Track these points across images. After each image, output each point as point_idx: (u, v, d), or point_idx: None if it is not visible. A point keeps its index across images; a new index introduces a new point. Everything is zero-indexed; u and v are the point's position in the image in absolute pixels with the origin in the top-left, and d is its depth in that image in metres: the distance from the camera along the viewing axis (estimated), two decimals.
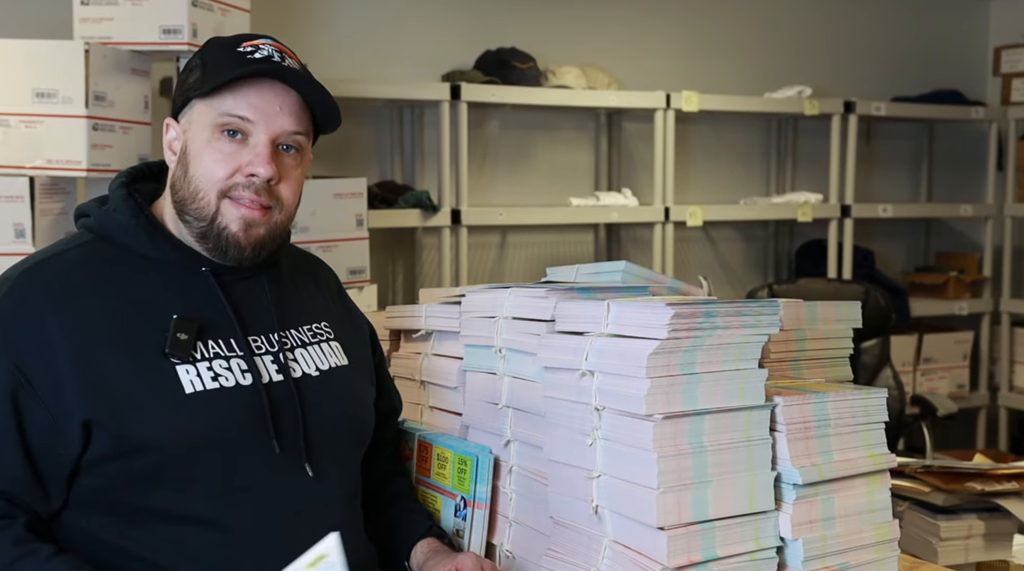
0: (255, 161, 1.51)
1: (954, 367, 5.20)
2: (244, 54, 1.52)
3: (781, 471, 1.43)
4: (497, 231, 4.43)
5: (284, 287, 1.64)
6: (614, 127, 4.67)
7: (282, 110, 1.53)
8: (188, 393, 1.44)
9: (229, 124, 1.51)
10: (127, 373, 1.42)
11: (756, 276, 5.08)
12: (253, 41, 1.55)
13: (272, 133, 1.52)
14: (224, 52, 1.54)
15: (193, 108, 1.54)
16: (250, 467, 1.47)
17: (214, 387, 1.46)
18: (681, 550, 1.36)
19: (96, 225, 1.55)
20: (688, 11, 4.83)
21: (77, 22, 2.75)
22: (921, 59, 5.44)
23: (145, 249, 1.52)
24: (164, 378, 1.44)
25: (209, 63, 1.54)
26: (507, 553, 1.69)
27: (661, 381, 1.36)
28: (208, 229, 1.52)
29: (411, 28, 4.22)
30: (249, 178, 1.51)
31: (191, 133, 1.53)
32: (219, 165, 1.50)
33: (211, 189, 1.51)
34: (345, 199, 3.17)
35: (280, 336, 1.57)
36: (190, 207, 1.52)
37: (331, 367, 1.63)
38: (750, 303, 1.44)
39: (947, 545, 2.02)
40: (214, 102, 1.51)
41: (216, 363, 1.48)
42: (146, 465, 1.42)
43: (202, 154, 1.51)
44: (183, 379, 1.45)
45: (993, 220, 5.29)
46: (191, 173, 1.52)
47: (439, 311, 1.91)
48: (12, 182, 2.52)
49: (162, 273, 1.52)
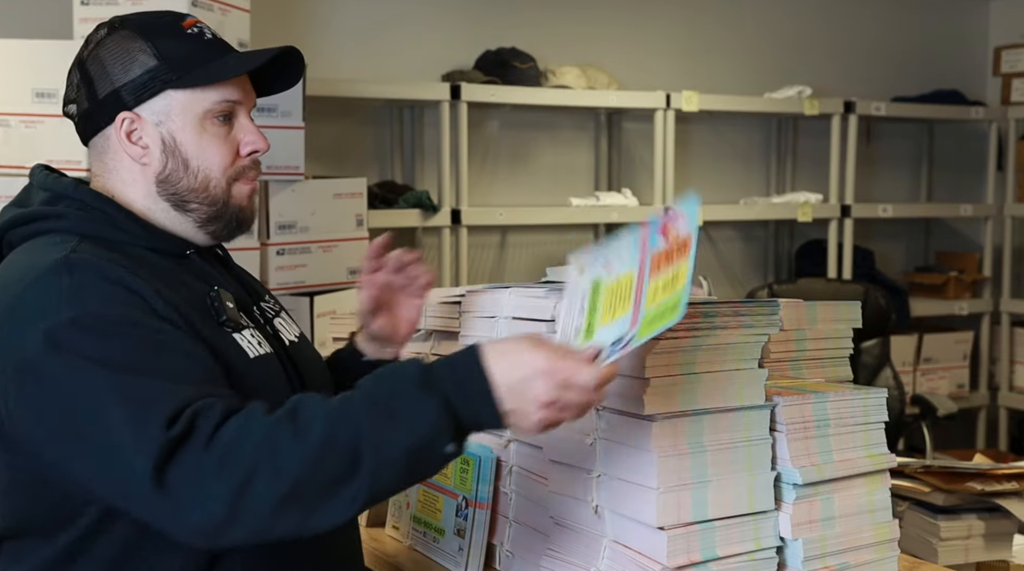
0: (253, 139, 1.52)
1: (954, 367, 5.20)
2: (199, 37, 1.50)
3: (781, 471, 1.44)
4: (497, 231, 4.44)
5: (235, 266, 1.67)
6: (614, 127, 4.67)
7: (247, 83, 1.55)
8: (251, 358, 1.44)
9: (225, 110, 1.50)
10: (209, 339, 1.39)
11: (756, 276, 5.08)
12: (186, 21, 1.52)
13: (249, 107, 1.55)
14: (179, 38, 1.49)
15: (167, 99, 1.47)
16: None
17: (261, 352, 1.47)
18: (681, 550, 1.36)
19: (75, 226, 1.45)
20: (688, 11, 4.83)
21: (77, 22, 2.75)
22: (921, 59, 5.44)
23: (143, 240, 1.48)
24: (232, 346, 1.43)
25: (168, 52, 1.47)
26: (507, 553, 1.69)
27: (661, 381, 1.37)
28: (221, 211, 1.52)
29: (411, 28, 4.22)
30: (251, 156, 1.53)
31: (174, 125, 1.48)
32: (222, 152, 1.50)
33: (222, 176, 1.51)
34: (345, 199, 3.17)
35: (260, 309, 1.61)
36: (199, 197, 1.50)
37: (298, 334, 1.67)
38: (750, 303, 1.44)
39: (947, 545, 2.02)
40: (200, 91, 1.48)
41: (247, 332, 1.48)
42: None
43: (200, 144, 1.48)
44: (243, 345, 1.45)
45: (993, 220, 5.29)
46: (195, 165, 1.49)
47: (439, 311, 1.91)
48: (12, 182, 2.52)
49: (161, 259, 1.48)
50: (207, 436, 1.21)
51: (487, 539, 1.73)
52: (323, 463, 1.20)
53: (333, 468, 1.20)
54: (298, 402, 1.25)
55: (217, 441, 1.21)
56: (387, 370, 1.29)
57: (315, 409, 1.24)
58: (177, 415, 1.22)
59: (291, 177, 3.00)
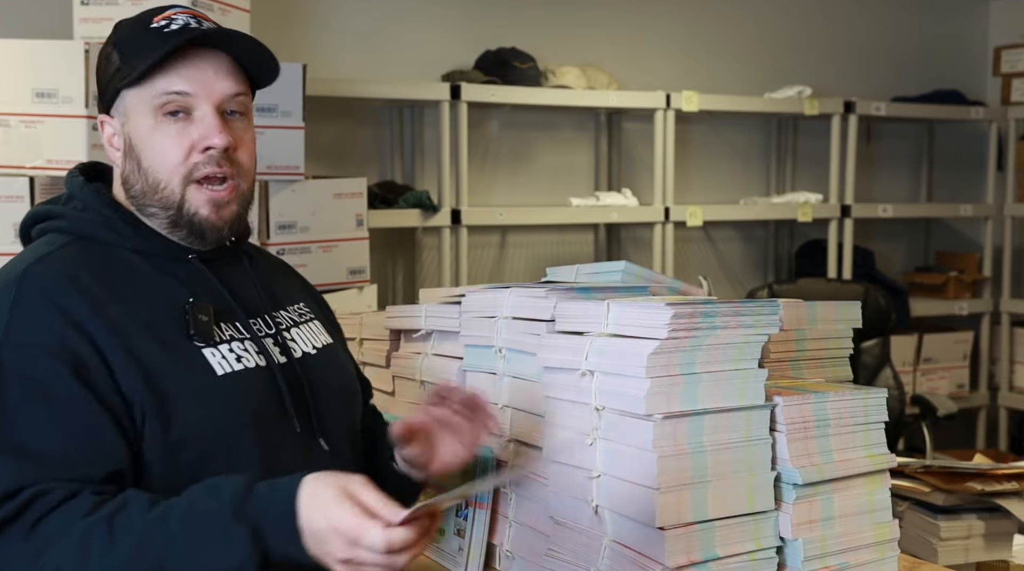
0: (208, 133, 1.45)
1: (954, 367, 5.20)
2: (160, 30, 1.45)
3: (781, 471, 1.43)
4: (497, 231, 4.43)
5: (262, 271, 1.64)
6: (614, 127, 4.67)
7: (217, 74, 1.47)
8: (219, 375, 1.43)
9: (169, 103, 1.44)
10: (156, 357, 1.39)
11: (756, 276, 5.08)
12: (164, 14, 1.48)
13: (215, 100, 1.46)
14: (137, 33, 1.47)
15: (124, 99, 1.47)
16: (280, 446, 1.47)
17: (240, 368, 1.45)
18: (681, 550, 1.36)
19: (73, 226, 1.48)
20: (688, 11, 4.83)
21: (77, 22, 2.75)
22: (921, 59, 5.44)
23: (132, 242, 1.48)
24: (195, 362, 1.42)
25: (126, 48, 1.47)
26: (507, 553, 1.69)
27: (661, 381, 1.36)
28: (177, 217, 1.47)
29: (411, 28, 4.22)
30: (206, 153, 1.46)
31: (130, 125, 1.47)
32: (172, 150, 1.45)
33: (173, 176, 1.46)
34: (345, 199, 3.17)
35: (274, 317, 1.58)
36: (153, 199, 1.47)
37: (323, 345, 1.65)
38: (750, 303, 1.44)
39: (947, 545, 2.02)
40: (145, 87, 1.45)
41: (234, 345, 1.47)
42: (193, 455, 1.39)
43: (150, 142, 1.45)
44: (211, 361, 1.43)
45: (993, 220, 5.29)
46: (145, 165, 1.46)
47: (439, 311, 1.91)
48: (12, 182, 2.52)
49: (154, 264, 1.48)
50: (31, 525, 1.27)
51: (487, 539, 1.73)
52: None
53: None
54: (122, 504, 1.29)
55: (38, 533, 1.27)
56: (213, 485, 1.30)
57: (133, 517, 1.27)
58: (13, 493, 1.28)
59: (291, 177, 3.00)
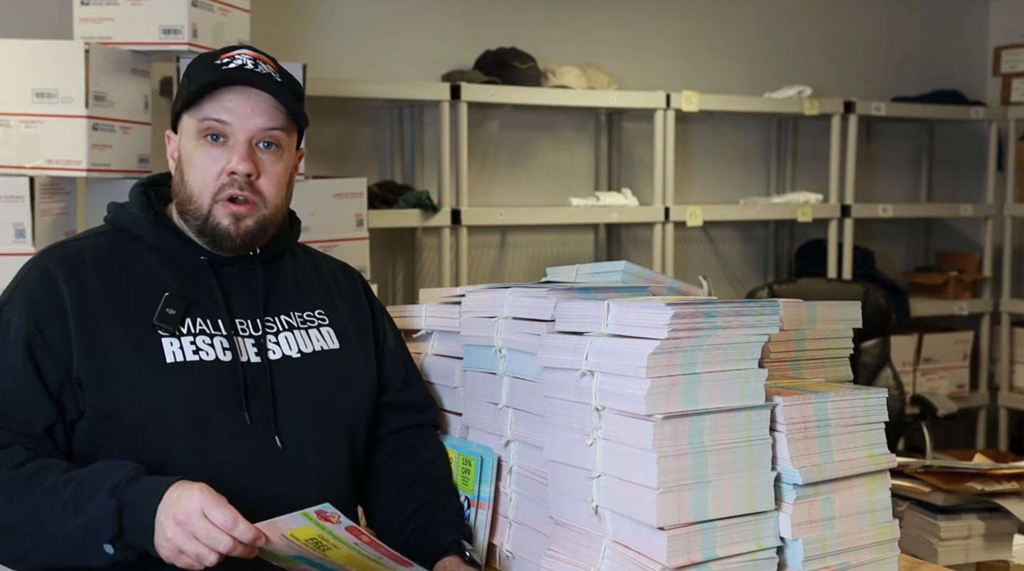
0: (233, 159, 1.66)
1: (954, 367, 5.20)
2: (220, 66, 1.68)
3: (781, 471, 1.43)
4: (497, 231, 4.44)
5: (282, 278, 1.78)
6: (614, 127, 4.67)
7: (254, 111, 1.67)
8: (169, 362, 1.60)
9: (210, 129, 1.67)
10: (118, 339, 1.59)
11: (756, 276, 5.08)
12: (231, 52, 1.71)
13: (248, 132, 1.67)
14: (203, 66, 1.71)
15: (182, 120, 1.72)
16: (221, 436, 1.61)
17: (193, 359, 1.62)
18: (681, 550, 1.36)
19: (114, 218, 1.75)
20: (688, 11, 4.84)
21: (77, 22, 2.75)
22: (921, 59, 5.44)
23: (151, 238, 1.71)
24: (149, 347, 1.61)
25: (192, 78, 1.71)
26: (507, 553, 1.69)
27: (661, 381, 1.36)
28: (204, 226, 1.69)
29: (411, 28, 4.22)
30: (231, 177, 1.66)
31: (182, 142, 1.71)
32: (207, 169, 1.67)
33: (204, 192, 1.67)
34: (345, 199, 3.17)
35: (264, 320, 1.71)
36: (189, 208, 1.70)
37: (316, 350, 1.74)
38: (750, 303, 1.44)
39: (947, 545, 2.02)
40: (196, 112, 1.68)
41: (200, 339, 1.64)
42: (125, 426, 1.58)
43: (192, 160, 1.68)
44: (166, 349, 1.61)
45: (993, 220, 5.29)
46: (187, 178, 1.69)
47: (439, 311, 1.91)
48: (12, 182, 2.52)
49: (165, 259, 1.70)
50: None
51: (487, 539, 1.73)
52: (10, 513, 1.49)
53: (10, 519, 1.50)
54: (44, 464, 1.52)
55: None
56: (115, 464, 1.51)
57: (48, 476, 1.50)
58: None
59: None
